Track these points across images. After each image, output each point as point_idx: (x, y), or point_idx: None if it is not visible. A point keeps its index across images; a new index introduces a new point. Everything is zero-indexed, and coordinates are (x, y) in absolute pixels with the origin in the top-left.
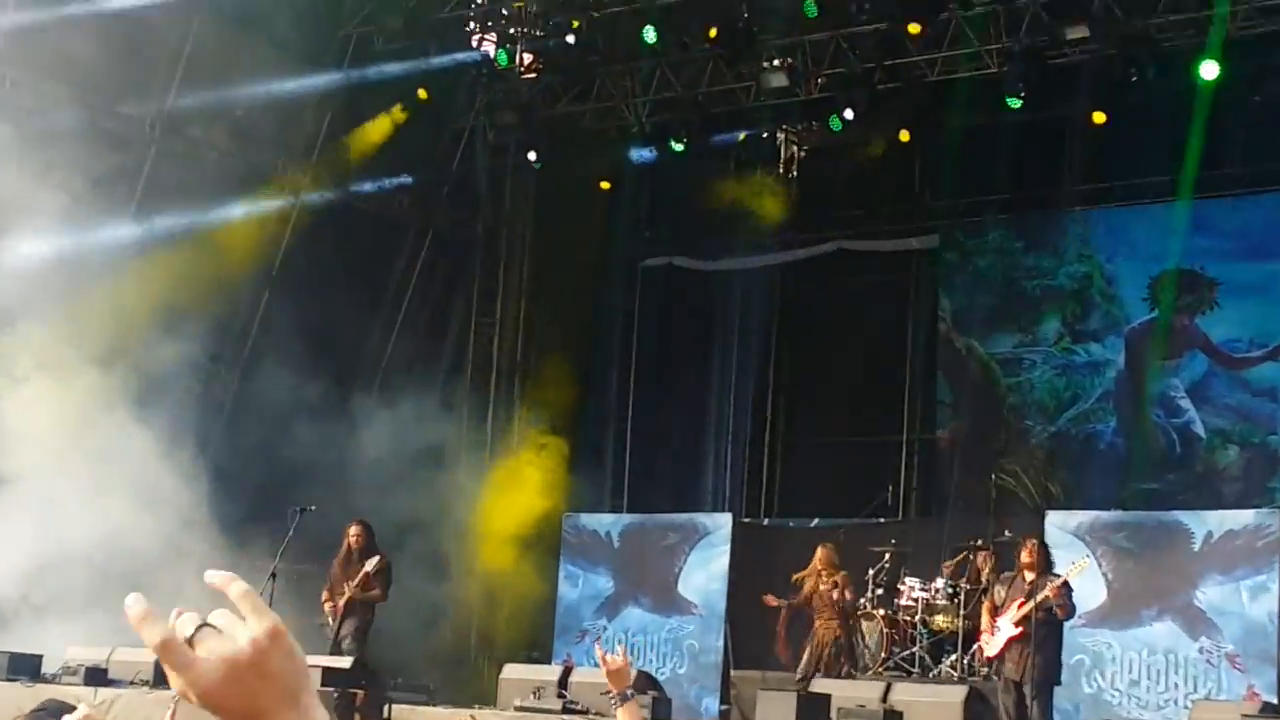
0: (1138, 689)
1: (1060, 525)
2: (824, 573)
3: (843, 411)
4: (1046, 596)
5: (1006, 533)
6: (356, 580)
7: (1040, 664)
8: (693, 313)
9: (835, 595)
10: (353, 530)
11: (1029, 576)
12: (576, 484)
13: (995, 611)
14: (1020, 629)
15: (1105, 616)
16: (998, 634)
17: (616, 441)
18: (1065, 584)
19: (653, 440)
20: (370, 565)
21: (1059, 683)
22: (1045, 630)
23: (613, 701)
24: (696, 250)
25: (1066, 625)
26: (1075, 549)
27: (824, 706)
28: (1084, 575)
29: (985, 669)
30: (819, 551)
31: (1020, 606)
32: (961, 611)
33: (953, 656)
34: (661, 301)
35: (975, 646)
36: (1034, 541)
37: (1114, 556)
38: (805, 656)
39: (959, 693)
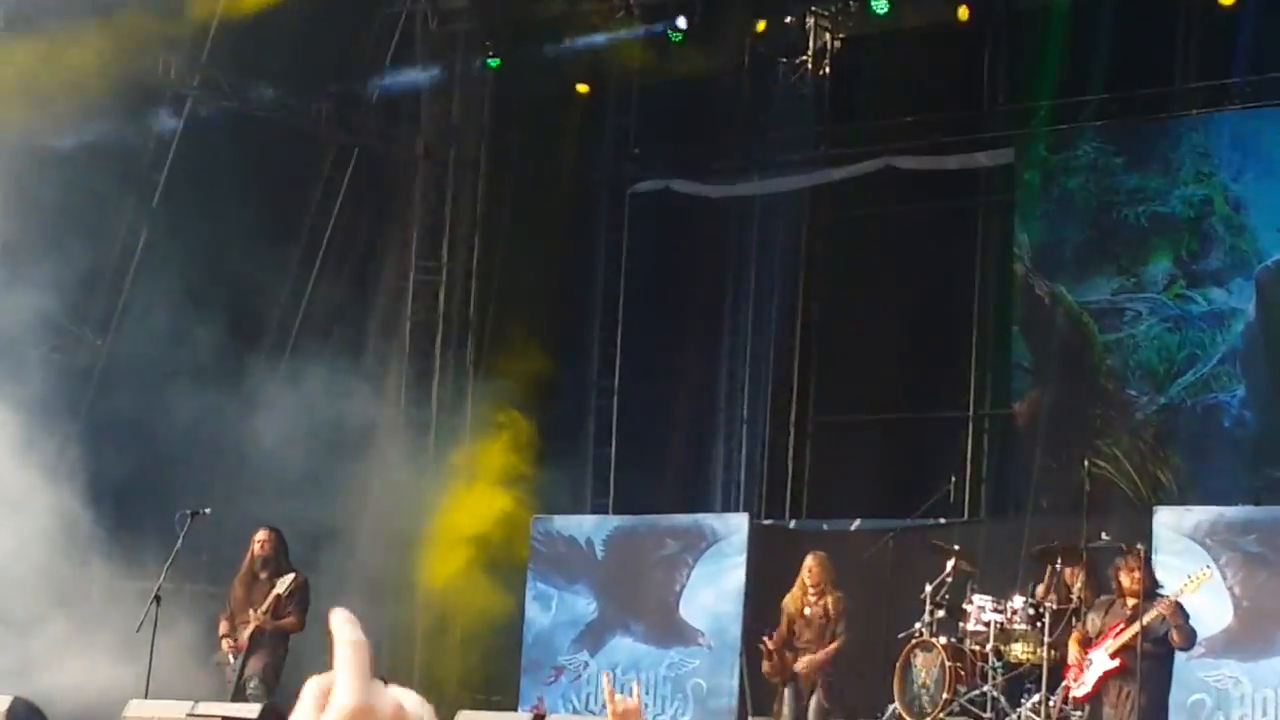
0: None
1: (1173, 526)
2: (810, 591)
3: (891, 380)
4: (1154, 619)
5: (1104, 535)
6: (265, 605)
7: (1145, 705)
8: (696, 253)
9: (822, 622)
10: (259, 539)
11: (1131, 600)
12: (548, 477)
13: (1087, 643)
14: (1119, 662)
15: (1232, 643)
16: (1089, 669)
17: (599, 422)
18: (1178, 604)
19: (646, 420)
20: (282, 586)
21: None
22: (1152, 663)
23: None
24: (700, 171)
25: (1182, 657)
26: (1193, 556)
27: None
28: (1204, 590)
29: (1076, 714)
30: (807, 562)
31: (1119, 634)
32: (1046, 639)
33: (1035, 698)
34: (656, 239)
35: (1062, 686)
36: (1135, 556)
37: (1243, 565)
38: (784, 709)
39: None
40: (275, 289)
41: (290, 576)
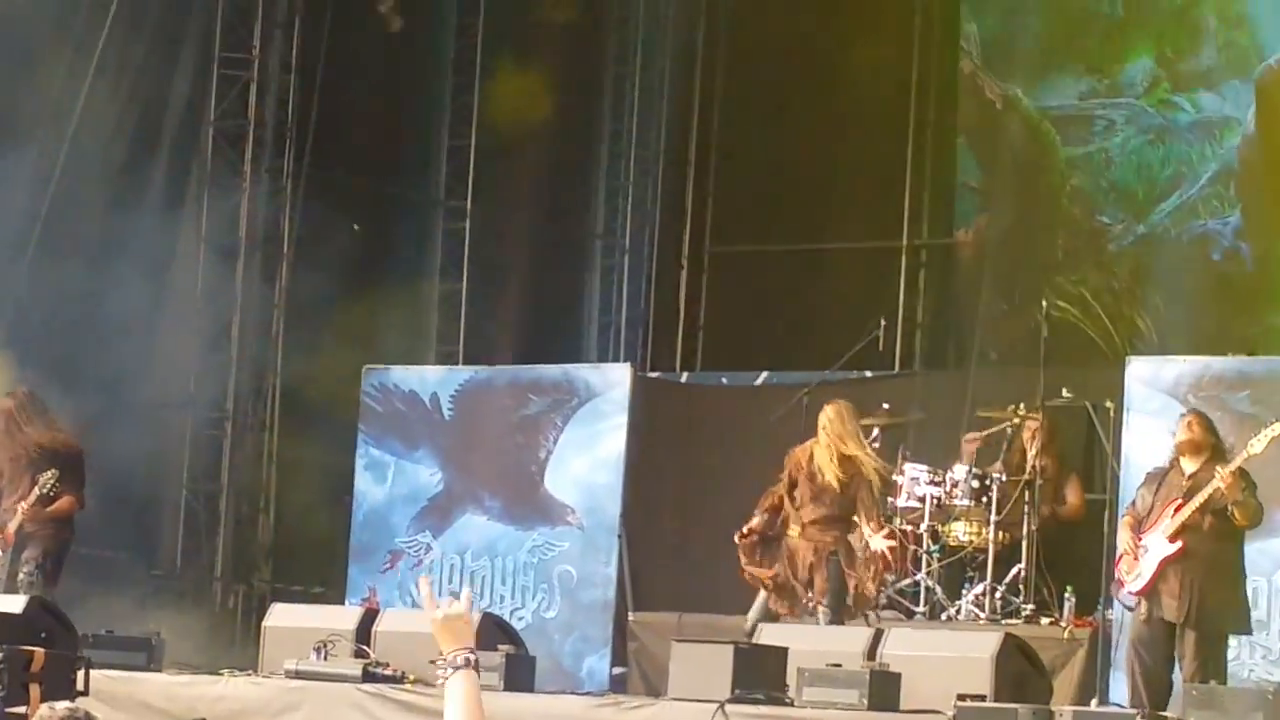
0: (1265, 634)
1: (1148, 380)
2: (831, 445)
3: (806, 203)
4: (1217, 491)
5: (1066, 392)
6: (31, 499)
7: (1214, 594)
8: (568, 42)
9: (852, 486)
10: (2, 407)
11: (1189, 467)
12: (384, 318)
13: (1139, 526)
14: (1180, 544)
15: None
16: (1145, 557)
17: (447, 251)
18: (1239, 473)
19: (505, 249)
20: (44, 482)
21: (1248, 630)
22: (1220, 543)
23: (441, 670)
24: None
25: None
26: (1171, 416)
27: (776, 666)
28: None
29: (1139, 608)
30: (828, 412)
31: (1177, 511)
32: (994, 517)
33: (979, 588)
34: (518, 23)
35: (1114, 581)
36: (1194, 415)
37: (1233, 428)
38: (768, 589)
39: (988, 642)
40: (38, 83)
41: (51, 473)
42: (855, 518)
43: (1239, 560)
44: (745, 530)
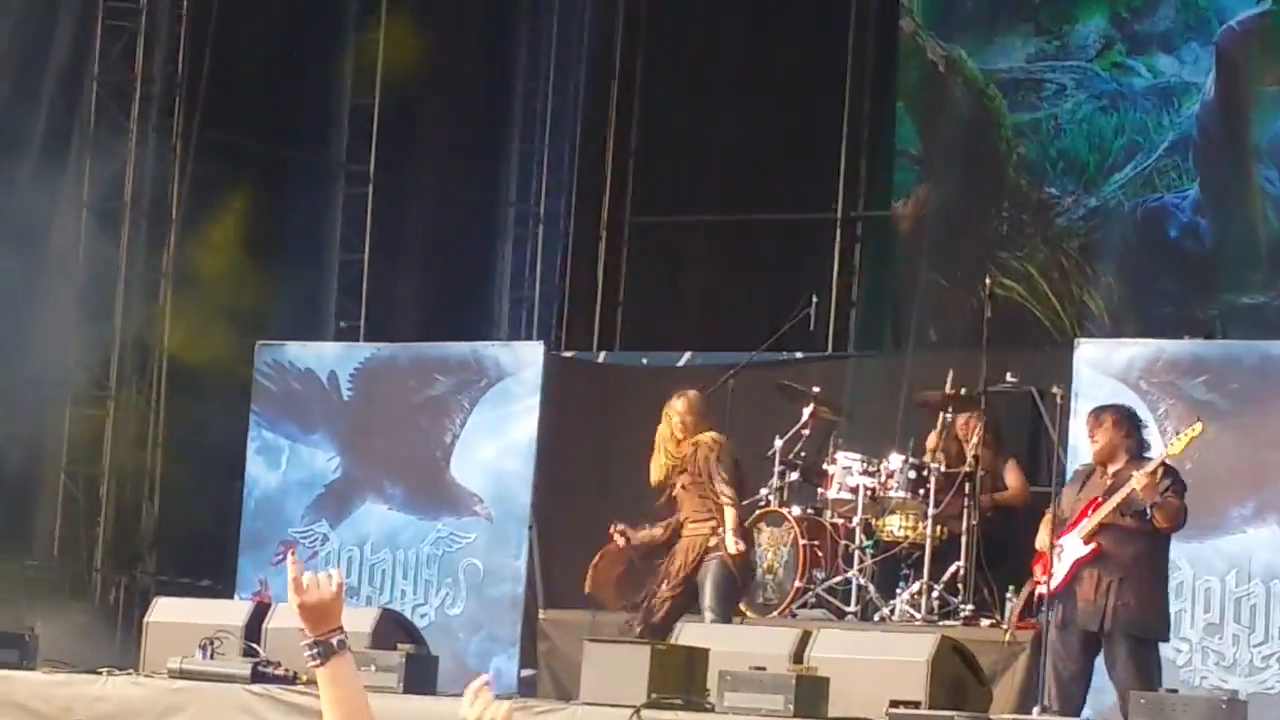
0: (1218, 638)
1: (1099, 364)
2: (685, 438)
3: (734, 171)
4: (1134, 491)
5: (1010, 376)
6: None
7: (1132, 598)
8: None
9: (707, 470)
10: None
11: (1112, 466)
12: (279, 291)
13: (1059, 527)
14: (1094, 546)
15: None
16: (1061, 557)
17: (349, 219)
18: (1165, 468)
19: (410, 218)
20: None
21: (1166, 637)
22: (1138, 544)
23: (311, 655)
24: None
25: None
26: (1121, 401)
27: (696, 669)
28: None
29: (1048, 613)
30: (675, 404)
31: (1092, 509)
32: (931, 510)
33: (915, 586)
34: None
35: (1029, 582)
36: (1112, 413)
37: (1187, 417)
38: (656, 589)
39: (924, 645)
40: None
41: None
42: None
43: (1161, 563)
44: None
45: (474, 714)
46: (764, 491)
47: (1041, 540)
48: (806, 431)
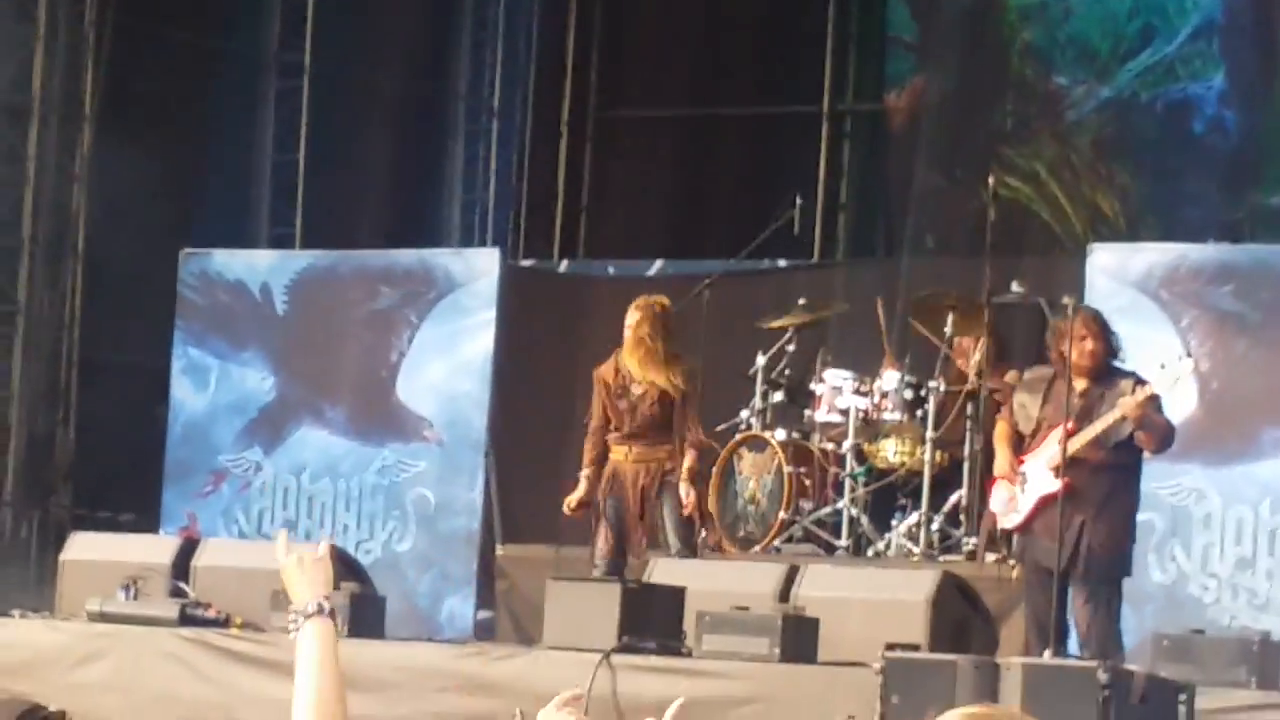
0: (1250, 574)
1: (1114, 272)
2: (640, 355)
3: (710, 60)
4: (1119, 420)
5: (1016, 285)
6: None
7: (1103, 540)
8: None
9: (651, 408)
10: None
11: (1081, 383)
12: (205, 194)
13: (1019, 444)
14: (1065, 482)
15: (1195, 441)
16: (1025, 489)
17: (282, 116)
18: (1154, 399)
19: (351, 114)
20: None
21: (1129, 572)
22: (1113, 479)
23: (293, 621)
24: None
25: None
26: (1140, 315)
27: (671, 610)
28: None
29: (999, 549)
30: (633, 316)
31: (1068, 437)
32: (930, 434)
33: (912, 518)
34: None
35: (985, 514)
36: (1088, 314)
37: (1214, 329)
38: (603, 529)
39: (923, 582)
40: None
41: None
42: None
43: (1133, 498)
44: (574, 504)
45: (294, 557)
46: (744, 414)
47: (1000, 462)
48: (792, 347)
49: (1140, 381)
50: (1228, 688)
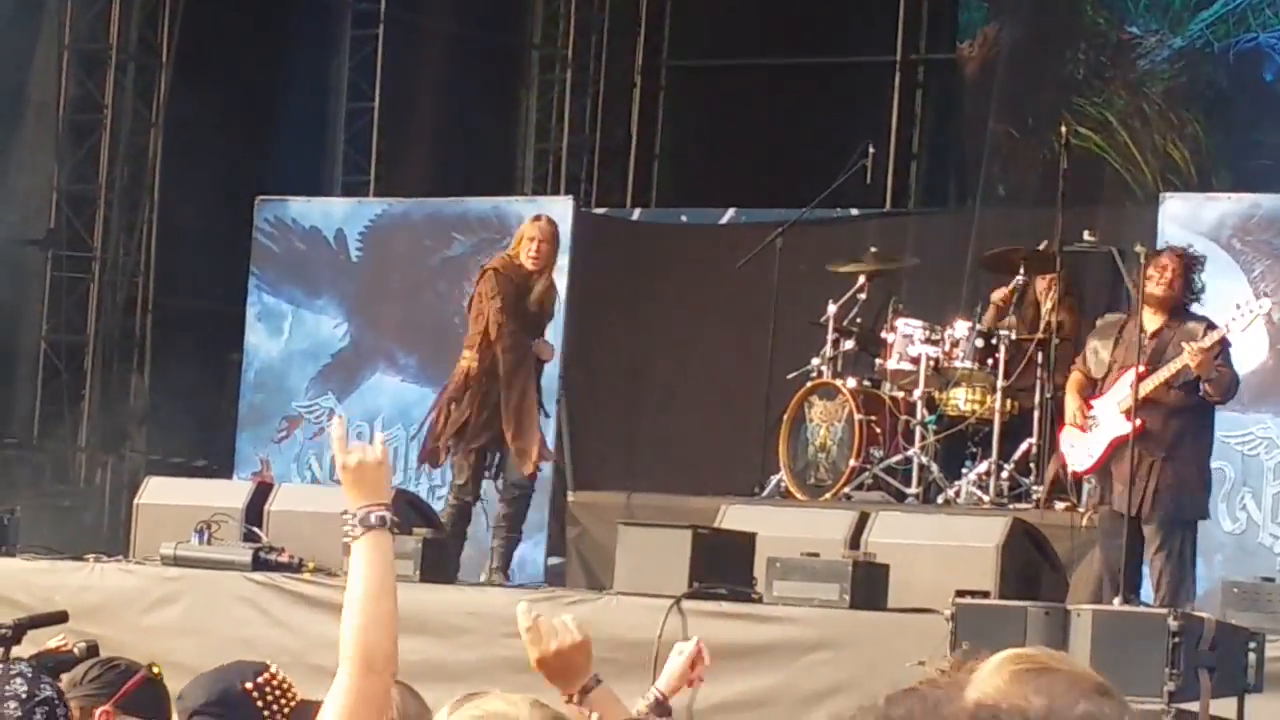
0: None
1: (1186, 221)
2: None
3: (782, 8)
4: (1184, 367)
5: (1088, 235)
6: None
7: (1173, 482)
8: None
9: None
10: None
11: (1152, 323)
12: (279, 142)
13: (1091, 390)
14: (1139, 423)
15: (1266, 389)
16: (1095, 432)
17: (357, 63)
18: (1224, 342)
19: (425, 63)
20: None
21: (1204, 515)
22: (1185, 421)
23: (350, 528)
24: None
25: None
26: (1213, 264)
27: (742, 556)
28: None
29: (1070, 494)
30: (524, 229)
31: (1139, 380)
32: (1001, 383)
33: (982, 466)
34: None
35: (1054, 456)
36: (1171, 257)
37: None
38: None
39: (993, 529)
40: None
41: None
42: None
43: (1207, 439)
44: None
45: (352, 459)
46: (815, 361)
47: (1071, 408)
48: (863, 295)
49: (1212, 326)
50: None
